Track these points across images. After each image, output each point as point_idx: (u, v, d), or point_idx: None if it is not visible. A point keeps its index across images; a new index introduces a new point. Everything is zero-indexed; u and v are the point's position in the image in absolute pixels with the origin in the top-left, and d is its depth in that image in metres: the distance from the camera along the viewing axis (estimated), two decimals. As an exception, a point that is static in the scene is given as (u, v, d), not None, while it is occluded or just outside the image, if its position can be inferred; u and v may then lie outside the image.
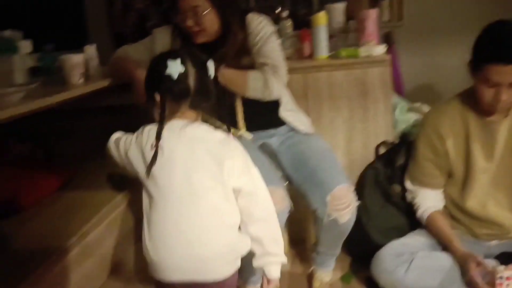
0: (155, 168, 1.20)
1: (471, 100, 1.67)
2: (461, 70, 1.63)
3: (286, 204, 1.57)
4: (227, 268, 1.22)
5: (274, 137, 1.84)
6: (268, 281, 1.30)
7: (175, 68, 1.20)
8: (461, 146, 1.72)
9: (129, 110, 1.82)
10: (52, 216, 1.81)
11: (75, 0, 3.37)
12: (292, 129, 1.82)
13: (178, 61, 1.20)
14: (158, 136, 1.20)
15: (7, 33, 2.13)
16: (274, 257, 1.28)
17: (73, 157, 2.42)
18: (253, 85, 1.69)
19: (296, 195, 1.72)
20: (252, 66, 1.74)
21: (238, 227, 1.26)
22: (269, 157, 1.81)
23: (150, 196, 1.24)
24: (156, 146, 1.20)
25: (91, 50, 2.05)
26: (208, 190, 1.20)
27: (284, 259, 1.29)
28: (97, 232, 1.75)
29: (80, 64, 1.84)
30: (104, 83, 1.92)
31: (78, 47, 2.07)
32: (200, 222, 1.19)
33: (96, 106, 2.46)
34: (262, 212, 1.27)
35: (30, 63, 2.17)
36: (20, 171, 1.92)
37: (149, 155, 1.21)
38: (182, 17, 1.69)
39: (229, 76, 1.66)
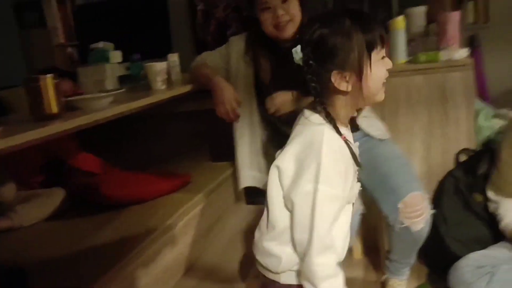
0: None
1: None
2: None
3: (358, 206, 1.56)
4: None
5: (348, 142, 1.84)
6: None
7: None
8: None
9: (210, 115, 1.90)
10: (140, 211, 1.95)
11: (160, 11, 3.57)
12: (367, 135, 1.81)
13: None
14: None
15: (100, 44, 2.33)
16: None
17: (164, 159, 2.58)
18: None
19: (371, 201, 1.70)
20: None
21: None
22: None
23: None
24: None
25: (173, 58, 2.17)
26: None
27: None
28: (177, 229, 1.86)
29: (163, 71, 1.96)
30: (185, 89, 2.03)
31: (163, 56, 2.20)
32: None
33: (179, 111, 2.60)
34: None
35: (120, 72, 2.35)
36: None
37: None
38: (268, 13, 1.75)
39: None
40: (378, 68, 1.06)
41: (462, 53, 2.07)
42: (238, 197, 2.33)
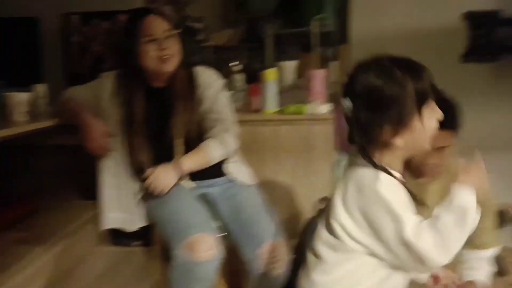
0: None
1: (408, 159, 1.75)
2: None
3: (216, 253, 1.57)
4: None
5: (214, 187, 1.86)
6: None
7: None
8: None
9: (79, 150, 1.82)
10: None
11: (30, 39, 3.39)
12: (233, 180, 1.85)
13: None
14: None
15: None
16: None
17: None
18: (215, 155, 1.78)
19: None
20: (202, 119, 1.81)
21: None
22: (208, 206, 1.82)
23: None
24: None
25: (40, 89, 2.05)
26: None
27: None
28: (26, 275, 1.70)
29: (24, 102, 1.84)
30: (49, 122, 1.92)
31: (30, 85, 2.08)
32: None
33: (47, 144, 2.44)
34: None
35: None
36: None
37: None
38: (153, 45, 1.72)
39: (192, 164, 1.75)
40: (429, 119, 1.05)
41: (325, 108, 2.24)
42: (102, 238, 2.23)
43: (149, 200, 1.78)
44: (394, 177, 1.06)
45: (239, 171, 1.88)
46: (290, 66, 2.65)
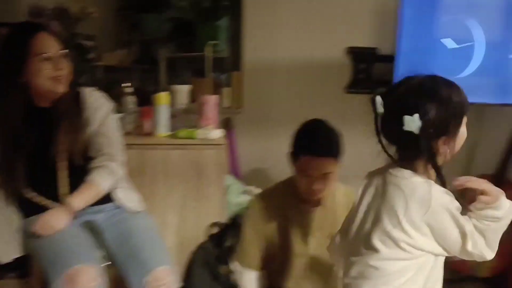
0: None
1: (293, 187, 1.81)
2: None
3: (99, 284, 1.49)
4: None
5: (100, 214, 1.78)
6: None
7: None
8: (282, 230, 1.82)
9: None
10: None
11: None
12: (120, 206, 1.79)
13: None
14: None
15: None
16: None
17: None
18: (104, 187, 1.72)
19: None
20: (87, 142, 1.74)
21: None
22: (93, 235, 1.73)
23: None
24: None
25: None
26: None
27: None
28: None
29: None
30: None
31: None
32: None
33: None
34: None
35: None
36: None
37: None
38: (48, 64, 1.63)
39: (83, 201, 1.66)
40: (464, 128, 1.20)
41: (217, 133, 2.26)
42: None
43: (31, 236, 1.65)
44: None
45: (126, 197, 1.81)
46: (183, 90, 2.65)
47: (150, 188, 2.12)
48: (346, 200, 1.77)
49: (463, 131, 1.21)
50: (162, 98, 2.26)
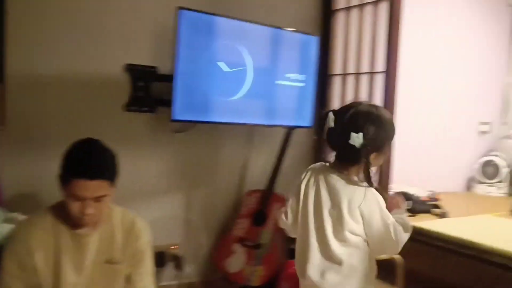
0: None
1: (63, 212, 1.65)
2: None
3: None
4: None
5: None
6: None
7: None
8: (51, 260, 1.64)
9: None
10: None
11: None
12: None
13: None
14: None
15: None
16: None
17: None
18: None
19: None
20: None
21: None
22: None
23: None
24: None
25: None
26: None
27: None
28: None
29: None
30: None
31: None
32: None
33: None
34: None
35: None
36: None
37: None
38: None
39: None
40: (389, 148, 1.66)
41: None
42: None
43: None
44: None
45: None
46: None
47: None
48: (124, 221, 1.72)
49: (388, 150, 1.63)
50: None
